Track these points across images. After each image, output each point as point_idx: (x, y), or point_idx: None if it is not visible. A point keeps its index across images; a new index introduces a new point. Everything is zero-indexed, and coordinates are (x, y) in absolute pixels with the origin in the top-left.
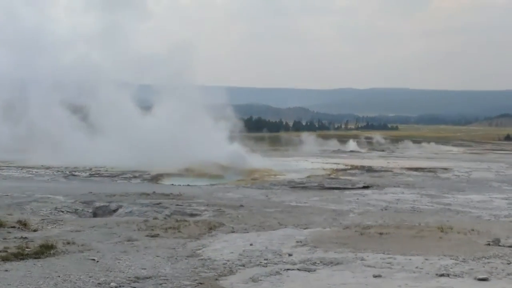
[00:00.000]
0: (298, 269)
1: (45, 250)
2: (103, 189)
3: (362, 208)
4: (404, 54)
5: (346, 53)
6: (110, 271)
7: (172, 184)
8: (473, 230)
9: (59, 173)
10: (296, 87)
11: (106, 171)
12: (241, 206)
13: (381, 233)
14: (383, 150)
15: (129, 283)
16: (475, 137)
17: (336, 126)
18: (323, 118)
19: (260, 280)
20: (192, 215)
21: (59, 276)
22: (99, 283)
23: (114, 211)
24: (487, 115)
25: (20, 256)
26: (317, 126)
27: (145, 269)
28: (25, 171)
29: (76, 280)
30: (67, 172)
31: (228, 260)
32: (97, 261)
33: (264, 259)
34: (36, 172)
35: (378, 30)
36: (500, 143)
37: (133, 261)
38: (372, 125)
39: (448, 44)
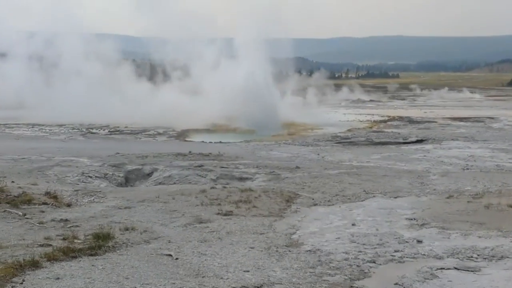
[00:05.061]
0: (455, 268)
1: (101, 241)
2: (130, 148)
3: (438, 167)
4: (400, 1)
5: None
6: (202, 276)
7: (203, 141)
8: None
9: (75, 130)
10: (293, 36)
11: (126, 127)
12: (297, 167)
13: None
14: (404, 99)
15: None
16: (477, 83)
17: (336, 75)
18: (322, 68)
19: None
20: (242, 179)
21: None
22: None
23: (149, 175)
24: (487, 61)
25: (70, 252)
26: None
27: (247, 271)
28: (37, 128)
29: None
30: (84, 130)
31: (346, 253)
32: (176, 258)
33: (394, 250)
34: (49, 130)
35: None
36: (504, 88)
37: (224, 258)
38: (372, 73)
39: None
